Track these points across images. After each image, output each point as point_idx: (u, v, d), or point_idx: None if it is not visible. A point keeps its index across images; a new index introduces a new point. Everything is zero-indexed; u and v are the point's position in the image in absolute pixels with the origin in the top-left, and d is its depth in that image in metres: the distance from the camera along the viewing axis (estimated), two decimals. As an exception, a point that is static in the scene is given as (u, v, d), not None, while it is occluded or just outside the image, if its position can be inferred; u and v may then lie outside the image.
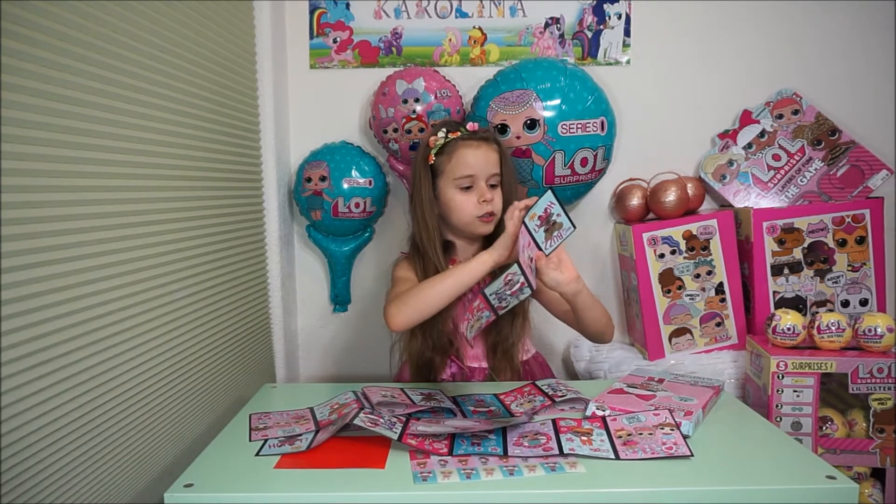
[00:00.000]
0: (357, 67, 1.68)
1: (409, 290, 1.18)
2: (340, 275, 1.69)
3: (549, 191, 1.04)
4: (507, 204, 1.27)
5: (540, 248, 1.07)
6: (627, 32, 1.66)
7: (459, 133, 1.28)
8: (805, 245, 1.51)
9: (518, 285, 1.04)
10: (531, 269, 1.05)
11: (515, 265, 1.01)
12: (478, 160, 1.25)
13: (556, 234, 1.06)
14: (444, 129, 1.29)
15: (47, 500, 0.78)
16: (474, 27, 1.66)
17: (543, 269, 1.08)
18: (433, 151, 1.28)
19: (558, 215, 1.05)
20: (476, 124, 1.31)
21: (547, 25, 1.66)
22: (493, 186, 1.28)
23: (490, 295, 1.06)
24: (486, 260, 1.13)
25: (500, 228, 1.27)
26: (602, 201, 1.69)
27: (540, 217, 1.05)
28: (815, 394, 1.27)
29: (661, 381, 1.18)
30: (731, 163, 1.62)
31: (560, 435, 0.94)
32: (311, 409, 1.10)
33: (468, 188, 1.25)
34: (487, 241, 1.33)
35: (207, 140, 1.22)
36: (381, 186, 1.61)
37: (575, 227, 1.07)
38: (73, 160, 0.82)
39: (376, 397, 1.08)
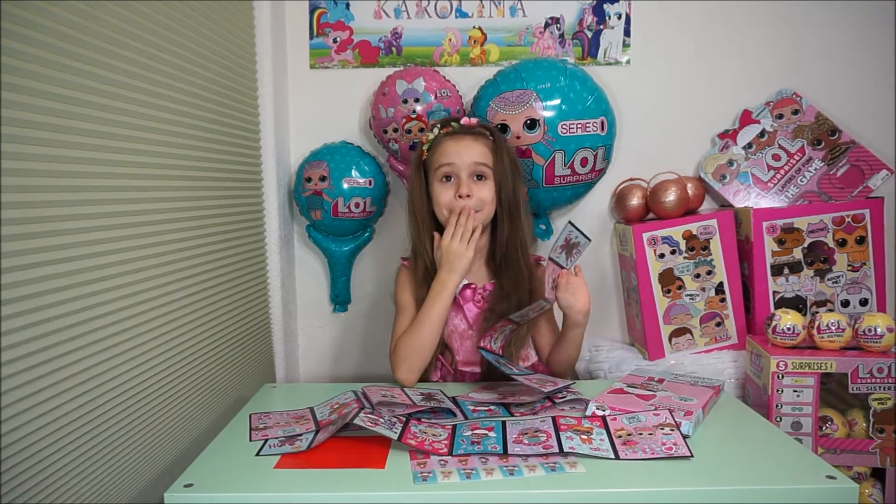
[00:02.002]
0: (357, 67, 1.68)
1: (403, 342, 1.21)
2: (340, 275, 1.69)
3: (569, 223, 1.23)
4: (504, 203, 1.27)
5: (563, 267, 1.22)
6: (627, 32, 1.66)
7: (450, 128, 1.28)
8: (805, 245, 1.51)
9: (542, 307, 1.20)
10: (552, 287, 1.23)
11: (542, 302, 1.18)
12: (458, 150, 1.24)
13: (574, 251, 1.22)
14: (438, 127, 1.30)
15: (47, 500, 0.78)
16: (474, 27, 1.66)
17: (562, 287, 1.20)
18: (425, 147, 1.28)
19: (577, 237, 1.22)
20: (474, 119, 1.31)
21: (547, 25, 1.66)
22: (479, 178, 1.25)
23: (515, 317, 1.19)
24: (456, 281, 1.22)
25: (505, 241, 1.30)
26: (602, 201, 1.69)
27: (561, 246, 1.21)
28: (815, 394, 1.27)
29: (661, 381, 1.18)
30: (731, 163, 1.62)
31: (560, 433, 0.94)
32: (311, 409, 1.10)
33: (448, 179, 1.25)
34: (491, 241, 1.32)
35: (207, 140, 1.22)
36: (381, 186, 1.61)
37: (590, 239, 1.24)
38: (73, 160, 0.82)
39: (376, 397, 1.08)
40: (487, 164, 1.25)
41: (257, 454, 0.92)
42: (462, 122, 1.30)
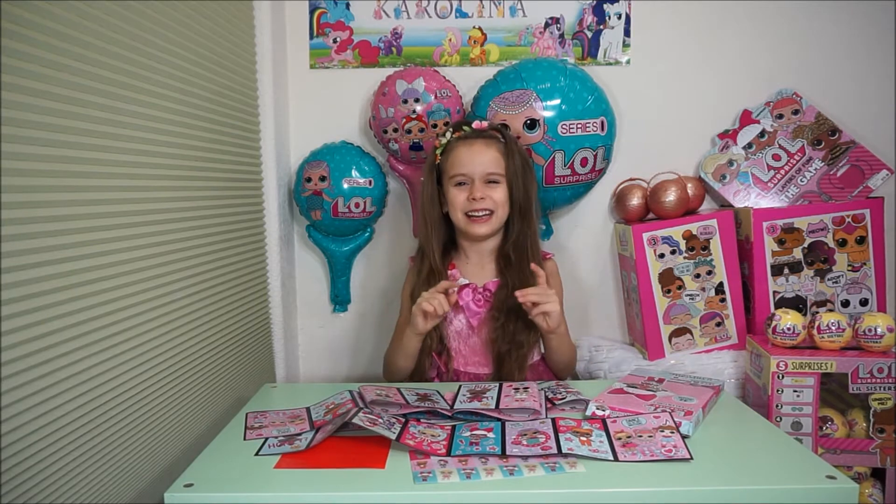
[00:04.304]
0: (357, 67, 1.68)
1: (388, 354, 1.34)
2: (340, 275, 1.69)
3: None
4: (519, 204, 1.29)
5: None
6: (627, 32, 1.66)
7: (462, 132, 1.29)
8: (805, 245, 1.50)
9: None
10: None
11: None
12: (471, 158, 1.27)
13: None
14: (451, 130, 1.31)
15: (47, 500, 0.78)
16: (474, 27, 1.66)
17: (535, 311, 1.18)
18: (438, 152, 1.30)
19: None
20: (484, 123, 1.32)
21: (547, 25, 1.66)
22: (492, 183, 1.28)
23: None
24: (414, 334, 1.23)
25: (515, 238, 1.32)
26: (602, 201, 1.69)
27: None
28: (815, 394, 1.27)
29: (661, 381, 1.18)
30: (731, 163, 1.62)
31: (559, 434, 0.94)
32: (308, 409, 1.10)
33: (463, 185, 1.28)
34: (504, 247, 1.33)
35: (207, 140, 1.22)
36: (381, 186, 1.61)
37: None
38: (73, 160, 0.82)
39: (370, 396, 1.08)
40: (500, 172, 1.29)
41: (257, 454, 0.92)
42: (473, 125, 1.31)
